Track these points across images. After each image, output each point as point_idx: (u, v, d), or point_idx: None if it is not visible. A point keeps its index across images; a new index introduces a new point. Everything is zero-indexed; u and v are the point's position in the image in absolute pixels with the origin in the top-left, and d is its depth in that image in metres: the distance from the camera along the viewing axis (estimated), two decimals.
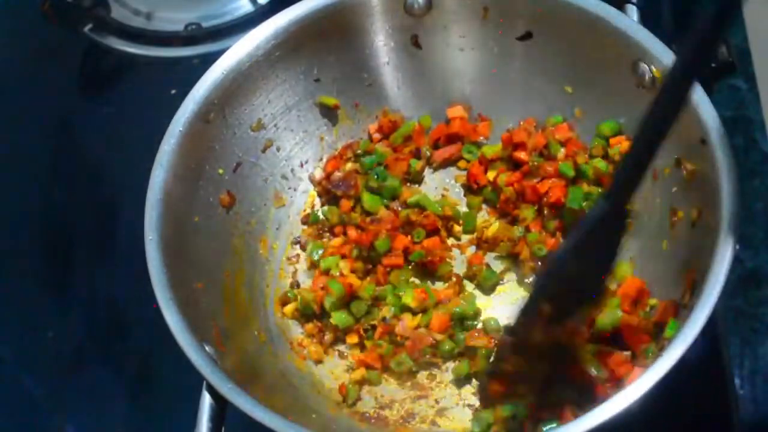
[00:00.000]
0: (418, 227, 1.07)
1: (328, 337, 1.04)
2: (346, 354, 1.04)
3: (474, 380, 1.00)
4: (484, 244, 1.08)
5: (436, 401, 1.00)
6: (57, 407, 1.12)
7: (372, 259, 1.06)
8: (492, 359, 0.98)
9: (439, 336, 1.01)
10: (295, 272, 1.10)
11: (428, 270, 1.07)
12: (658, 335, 0.93)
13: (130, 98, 1.35)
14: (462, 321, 1.02)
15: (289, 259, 1.10)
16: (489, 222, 1.09)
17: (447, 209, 1.08)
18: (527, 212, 1.06)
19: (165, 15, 1.41)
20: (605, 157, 1.06)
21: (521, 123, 1.11)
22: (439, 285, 1.07)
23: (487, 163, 1.11)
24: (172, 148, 0.98)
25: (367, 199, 1.10)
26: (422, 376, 1.02)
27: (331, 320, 1.02)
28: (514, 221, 1.08)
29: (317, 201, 1.13)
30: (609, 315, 0.95)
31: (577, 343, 0.94)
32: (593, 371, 0.92)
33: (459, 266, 1.08)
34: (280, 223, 1.11)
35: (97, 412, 1.11)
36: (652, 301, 0.96)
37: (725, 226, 0.86)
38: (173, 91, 1.19)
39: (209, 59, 1.04)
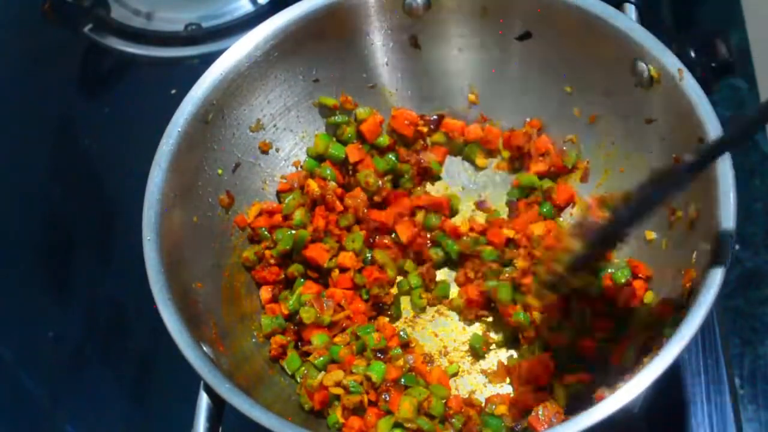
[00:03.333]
0: None
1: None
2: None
3: None
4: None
5: None
6: (57, 407, 1.12)
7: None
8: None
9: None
10: None
11: None
12: (657, 333, 0.93)
13: (130, 98, 1.35)
14: None
15: None
16: None
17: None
18: None
19: (165, 15, 1.41)
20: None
21: (527, 122, 1.12)
22: None
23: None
24: (171, 148, 0.98)
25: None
26: None
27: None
28: None
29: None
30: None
31: None
32: None
33: None
34: None
35: (97, 412, 1.11)
36: (649, 298, 0.96)
37: (724, 226, 0.86)
38: (173, 91, 1.19)
39: (209, 59, 1.04)
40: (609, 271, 1.00)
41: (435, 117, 1.13)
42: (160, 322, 0.89)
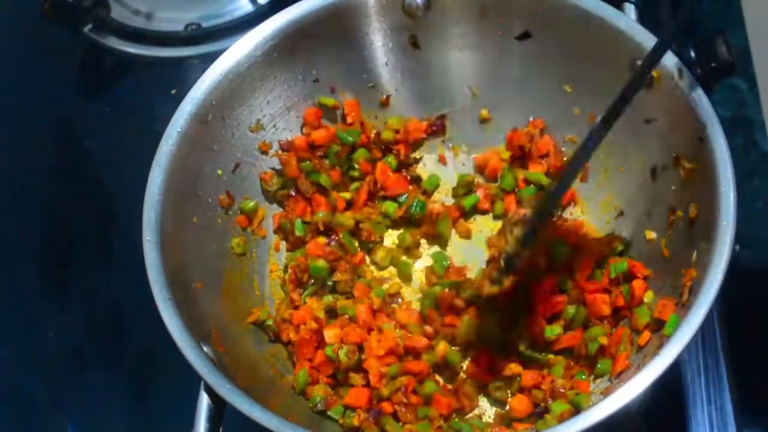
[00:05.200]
0: None
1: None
2: None
3: None
4: None
5: None
6: (57, 407, 1.12)
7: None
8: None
9: None
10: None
11: None
12: (657, 332, 0.93)
13: (130, 98, 1.35)
14: None
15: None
16: None
17: None
18: None
19: (165, 15, 1.41)
20: None
21: (530, 121, 1.12)
22: None
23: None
24: (171, 149, 0.98)
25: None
26: None
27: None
28: None
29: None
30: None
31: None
32: None
33: None
34: None
35: (97, 412, 1.11)
36: (649, 297, 0.96)
37: (724, 225, 0.86)
38: (173, 91, 1.19)
39: (209, 59, 1.04)
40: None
41: (437, 118, 1.14)
42: (160, 322, 0.89)
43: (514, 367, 0.98)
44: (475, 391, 0.99)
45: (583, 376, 0.96)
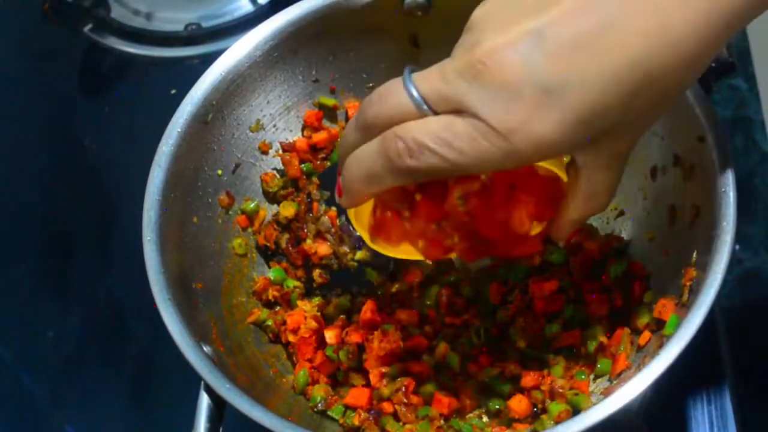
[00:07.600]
0: None
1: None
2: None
3: None
4: None
5: None
6: (57, 407, 1.12)
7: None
8: None
9: None
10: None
11: None
12: (657, 332, 0.93)
13: (130, 98, 1.35)
14: None
15: None
16: None
17: None
18: None
19: (165, 15, 1.41)
20: None
21: None
22: None
23: None
24: (171, 149, 0.98)
25: None
26: None
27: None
28: None
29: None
30: None
31: None
32: None
33: None
34: None
35: (97, 412, 1.11)
36: (649, 297, 0.96)
37: (724, 225, 0.86)
38: (173, 91, 1.19)
39: (209, 59, 1.04)
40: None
41: None
42: (160, 322, 0.89)
43: (514, 368, 0.98)
44: (475, 391, 0.99)
45: (583, 376, 0.96)
